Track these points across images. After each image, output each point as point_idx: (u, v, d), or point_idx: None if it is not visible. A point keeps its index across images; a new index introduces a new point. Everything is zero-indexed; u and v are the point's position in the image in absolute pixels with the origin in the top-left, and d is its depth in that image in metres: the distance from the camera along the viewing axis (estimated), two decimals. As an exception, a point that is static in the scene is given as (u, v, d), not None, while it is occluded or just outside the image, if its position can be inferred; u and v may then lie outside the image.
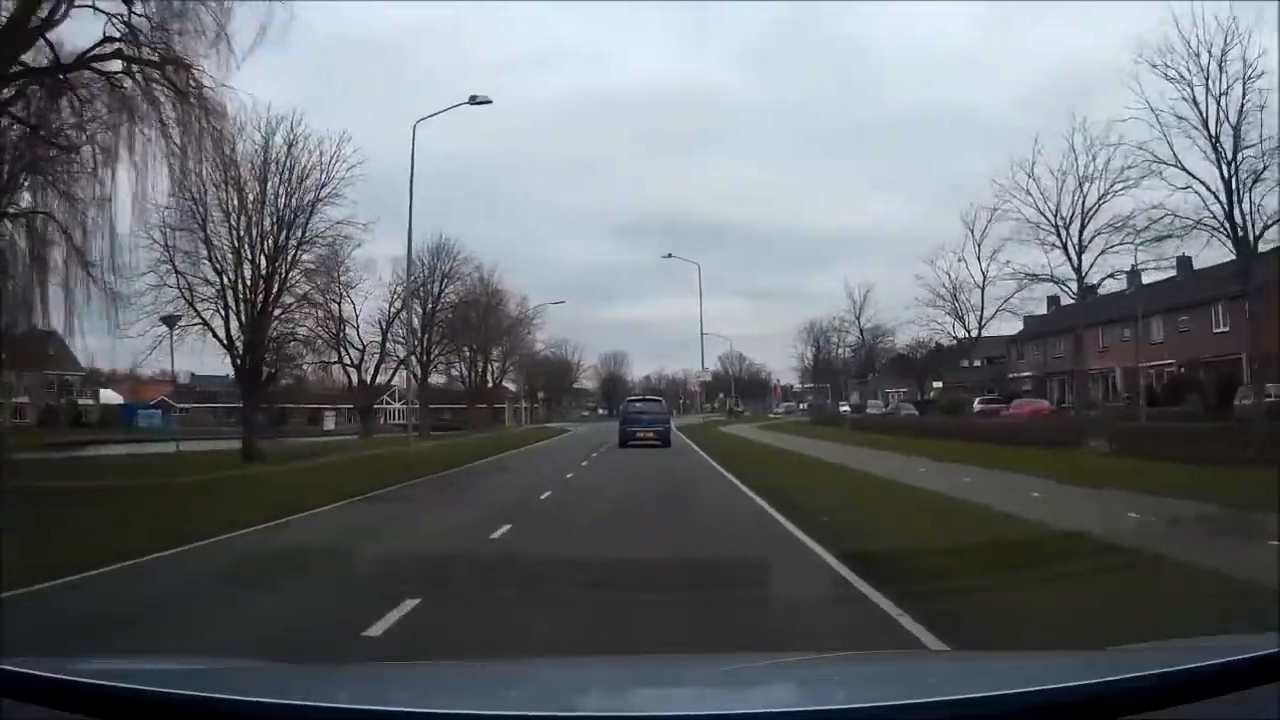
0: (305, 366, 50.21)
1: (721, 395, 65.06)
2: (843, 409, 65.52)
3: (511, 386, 68.08)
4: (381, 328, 47.41)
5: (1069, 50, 72.61)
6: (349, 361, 48.04)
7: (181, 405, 71.33)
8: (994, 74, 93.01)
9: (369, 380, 48.00)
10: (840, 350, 67.02)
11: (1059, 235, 33.40)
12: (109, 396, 59.76)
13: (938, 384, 58.07)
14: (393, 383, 55.18)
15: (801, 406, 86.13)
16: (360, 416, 51.05)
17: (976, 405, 45.72)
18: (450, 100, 29.97)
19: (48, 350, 33.05)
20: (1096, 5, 51.13)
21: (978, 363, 62.31)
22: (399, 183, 28.61)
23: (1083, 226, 33.07)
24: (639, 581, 7.19)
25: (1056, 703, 1.57)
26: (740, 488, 15.74)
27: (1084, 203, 32.79)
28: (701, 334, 62.49)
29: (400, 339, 48.22)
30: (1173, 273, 36.20)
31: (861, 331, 61.28)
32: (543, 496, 14.70)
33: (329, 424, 66.71)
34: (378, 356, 47.75)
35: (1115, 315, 38.83)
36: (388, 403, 79.09)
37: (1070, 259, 33.42)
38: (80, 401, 57.91)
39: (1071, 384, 46.61)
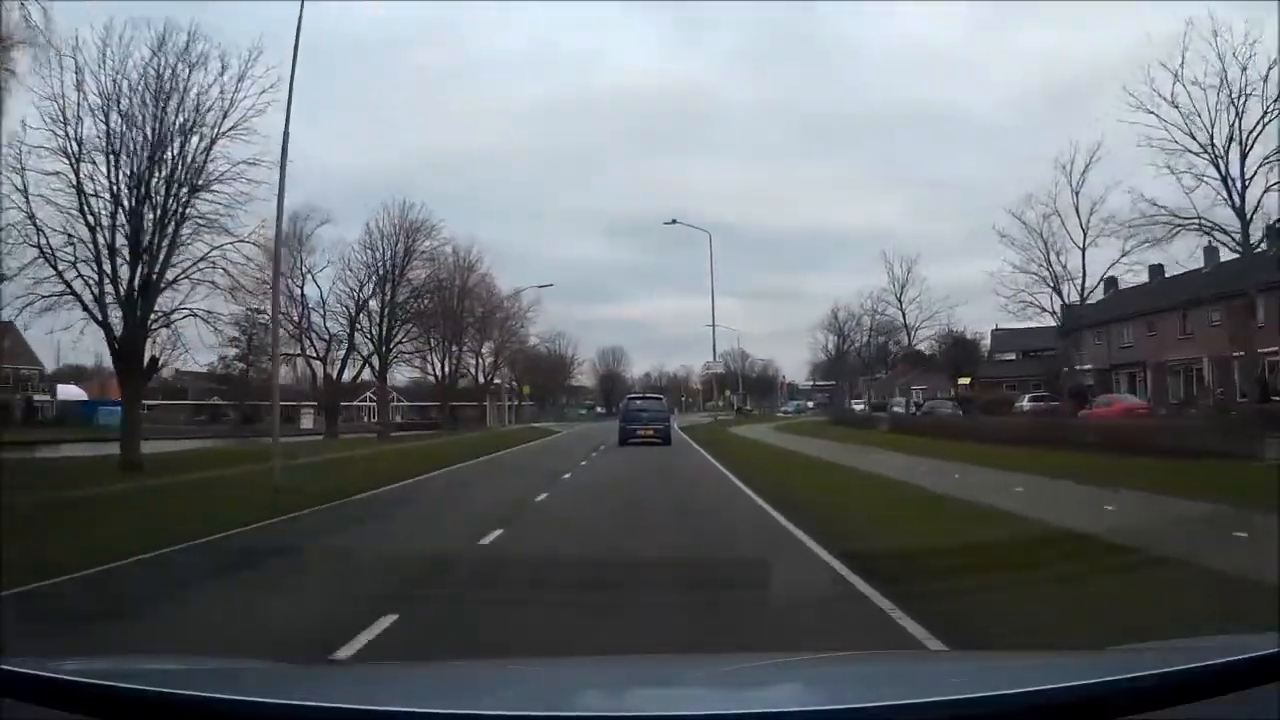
0: (265, 358, 48.84)
1: (728, 392, 64.74)
2: (859, 407, 64.60)
3: (501, 383, 67.96)
4: (349, 316, 46.10)
5: (1059, 51, 78.61)
6: (314, 354, 46.66)
7: (150, 402, 71.60)
8: (984, 74, 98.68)
9: (335, 375, 46.82)
10: (872, 337, 63.54)
11: (1217, 166, 27.48)
12: (71, 392, 59.96)
13: (963, 380, 57.23)
14: (363, 377, 54.28)
15: (809, 405, 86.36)
16: (326, 415, 49.59)
17: (1026, 403, 43.79)
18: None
19: (3, 342, 32.98)
20: (1085, 6, 51.57)
21: (1011, 356, 61.43)
22: (389, 187, 27.84)
23: (1243, 156, 27.29)
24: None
25: (1056, 703, 1.71)
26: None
27: (1240, 124, 27.44)
28: (714, 315, 58.70)
29: (361, 327, 46.06)
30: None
31: (904, 313, 57.94)
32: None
33: (306, 422, 66.62)
34: (345, 348, 46.44)
35: (1198, 296, 33.98)
36: (370, 400, 79.24)
37: (1230, 197, 27.40)
38: (36, 398, 58.18)
39: (1145, 378, 41.91)
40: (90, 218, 21.33)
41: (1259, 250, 29.25)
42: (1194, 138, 27.99)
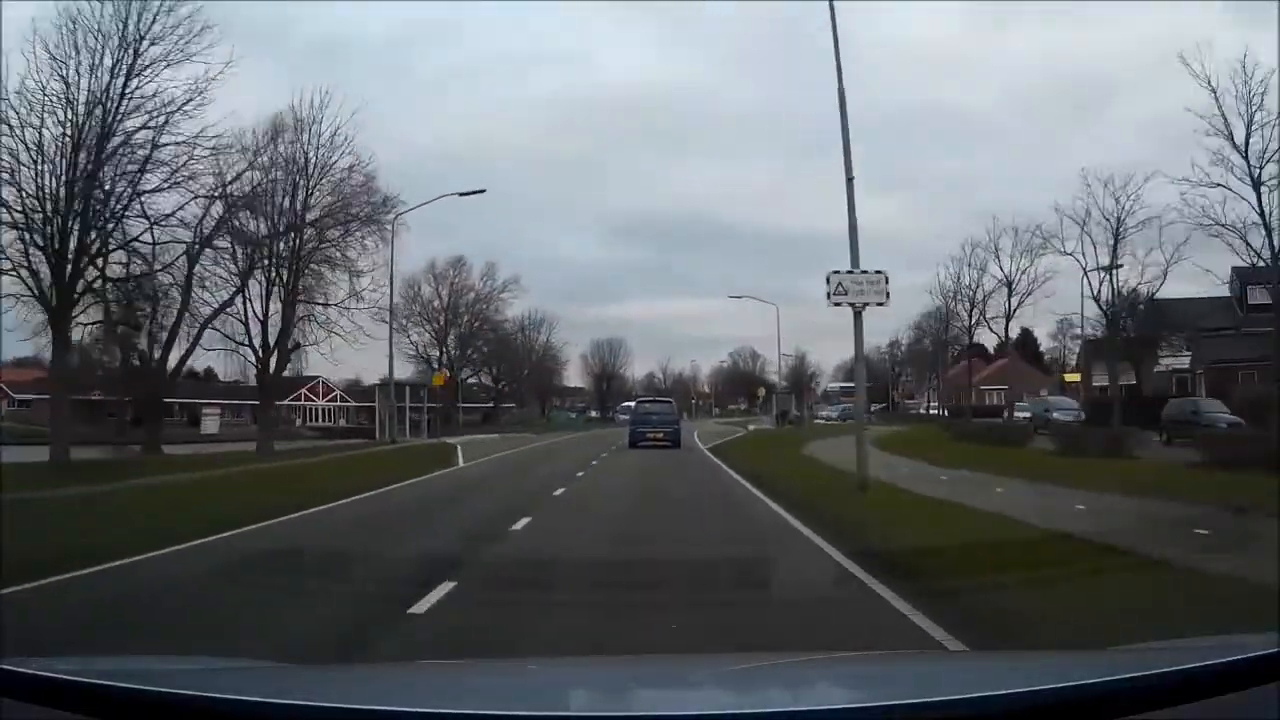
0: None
1: (763, 390, 63.77)
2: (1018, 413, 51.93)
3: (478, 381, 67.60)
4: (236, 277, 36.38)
5: (1057, 52, 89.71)
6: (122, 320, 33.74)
7: (22, 397, 72.02)
8: (986, 74, 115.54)
9: (161, 355, 36.93)
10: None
11: None
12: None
13: (1072, 378, 54.95)
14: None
15: (840, 409, 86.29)
16: (143, 416, 41.36)
17: None
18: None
19: None
20: (1085, 6, 52.75)
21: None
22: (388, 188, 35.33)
23: None
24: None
25: (1056, 703, 2.20)
26: None
27: None
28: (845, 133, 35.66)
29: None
30: None
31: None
32: None
33: (210, 426, 65.82)
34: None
35: None
36: (309, 398, 78.25)
37: None
38: None
39: None
40: None
41: None
42: None
